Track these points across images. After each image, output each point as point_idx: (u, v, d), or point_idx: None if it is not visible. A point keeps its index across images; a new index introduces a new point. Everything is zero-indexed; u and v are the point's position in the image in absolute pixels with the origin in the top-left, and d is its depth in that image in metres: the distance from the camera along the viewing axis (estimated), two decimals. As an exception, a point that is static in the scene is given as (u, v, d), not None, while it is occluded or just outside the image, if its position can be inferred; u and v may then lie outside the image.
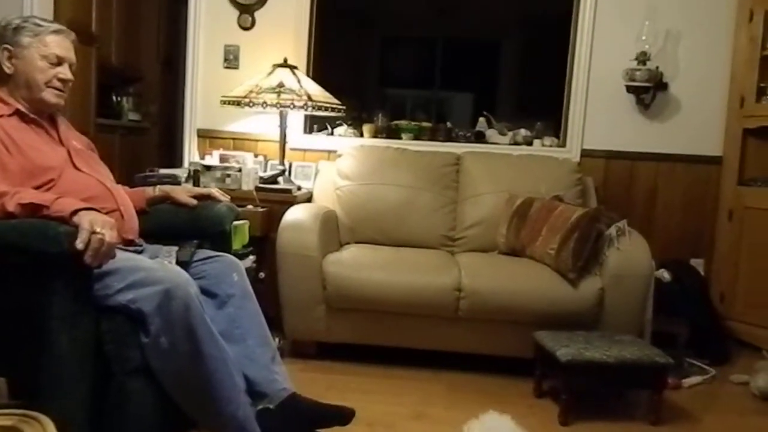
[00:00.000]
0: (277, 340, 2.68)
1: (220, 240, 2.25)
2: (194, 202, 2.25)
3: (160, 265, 1.77)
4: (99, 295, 1.64)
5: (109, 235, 1.55)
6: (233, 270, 2.03)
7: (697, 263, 3.36)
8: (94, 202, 1.81)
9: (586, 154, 3.47)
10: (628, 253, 2.57)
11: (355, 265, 2.67)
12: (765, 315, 3.09)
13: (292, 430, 1.85)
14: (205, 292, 1.94)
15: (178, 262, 1.94)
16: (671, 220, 3.47)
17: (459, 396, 2.42)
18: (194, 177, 2.96)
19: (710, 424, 2.30)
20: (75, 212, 1.55)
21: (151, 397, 1.67)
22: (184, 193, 2.30)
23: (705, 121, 3.42)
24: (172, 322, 1.65)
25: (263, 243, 2.84)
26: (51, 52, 1.84)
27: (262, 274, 2.93)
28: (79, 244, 1.49)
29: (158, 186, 2.32)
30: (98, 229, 1.53)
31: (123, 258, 1.72)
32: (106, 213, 1.85)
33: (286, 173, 3.25)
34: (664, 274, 2.94)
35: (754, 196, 3.21)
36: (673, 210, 3.47)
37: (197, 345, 1.68)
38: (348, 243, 3.01)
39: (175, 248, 2.02)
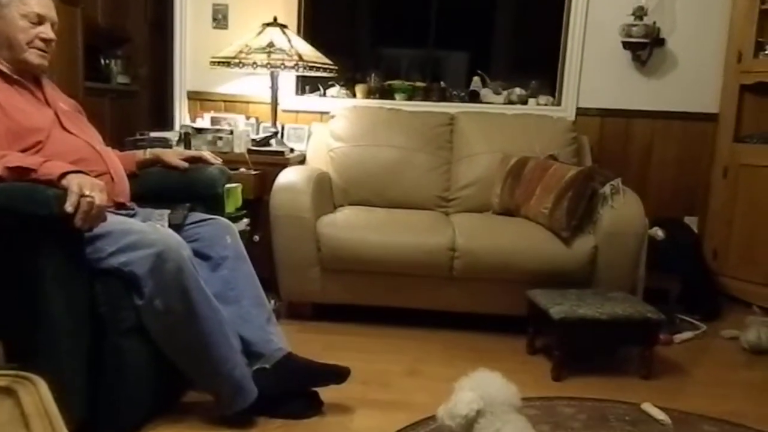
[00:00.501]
0: (272, 302, 2.70)
1: (213, 203, 2.24)
2: (185, 165, 2.23)
3: (152, 228, 1.77)
4: (92, 258, 1.64)
5: (99, 198, 1.54)
6: (226, 232, 2.03)
7: (691, 221, 3.38)
8: (83, 164, 1.79)
9: (581, 112, 3.44)
10: (622, 211, 2.57)
11: (349, 226, 2.67)
12: (756, 271, 3.12)
13: (289, 389, 1.88)
14: (198, 254, 1.95)
15: (170, 225, 1.94)
16: (666, 178, 3.46)
17: (453, 353, 2.45)
18: (185, 140, 2.93)
19: (701, 377, 2.34)
20: (63, 175, 1.53)
21: (146, 357, 1.69)
22: (174, 156, 2.28)
23: (702, 78, 3.38)
24: (166, 284, 1.65)
25: (257, 206, 2.83)
26: (31, 10, 1.79)
27: (256, 237, 2.93)
28: (69, 207, 1.48)
29: (148, 149, 2.30)
30: (87, 192, 1.52)
31: (115, 221, 1.71)
32: (96, 176, 1.83)
33: (279, 135, 3.21)
34: (658, 232, 2.95)
35: (749, 153, 3.20)
36: (668, 168, 3.46)
37: (191, 306, 1.69)
38: (342, 205, 3.00)
39: (167, 211, 2.02)
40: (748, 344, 2.59)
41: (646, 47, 3.30)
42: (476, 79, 3.63)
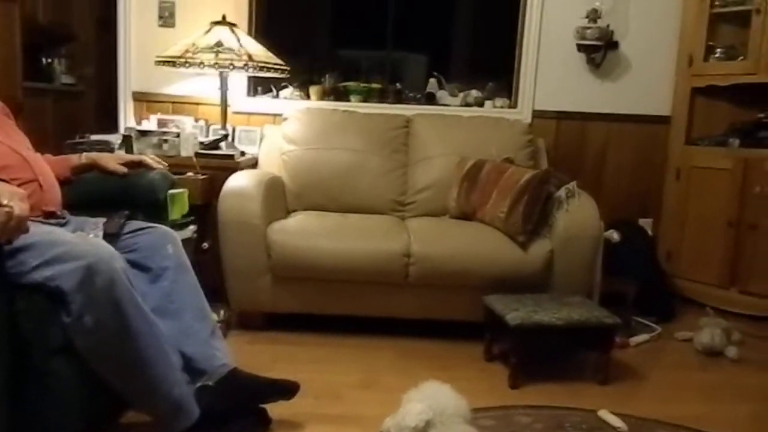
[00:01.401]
0: (222, 311, 2.60)
1: (154, 210, 2.12)
2: (123, 169, 2.11)
3: (82, 238, 1.64)
4: (13, 273, 1.50)
5: (19, 208, 1.41)
6: (167, 241, 1.92)
7: (646, 223, 3.40)
8: (7, 172, 1.67)
9: (537, 114, 3.43)
10: (578, 214, 2.55)
11: (301, 232, 2.57)
12: (709, 272, 3.15)
13: (234, 407, 1.78)
14: (137, 265, 1.83)
15: (105, 235, 1.82)
16: (621, 180, 3.48)
17: (408, 363, 2.39)
18: (126, 143, 2.79)
19: (656, 381, 2.33)
20: (-23, 183, 1.41)
21: (76, 378, 1.55)
22: (113, 160, 2.16)
23: (654, 81, 3.41)
24: (96, 299, 1.53)
25: (205, 212, 2.71)
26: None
27: (205, 245, 2.80)
28: (-17, 219, 1.35)
29: (84, 153, 2.17)
30: (5, 202, 1.39)
31: (40, 232, 1.58)
32: (23, 183, 1.71)
33: (229, 138, 3.10)
34: (614, 235, 2.95)
35: (700, 155, 3.24)
36: (623, 170, 3.49)
37: (125, 322, 1.57)
38: (295, 210, 2.91)
39: (103, 220, 1.89)
40: (702, 346, 2.61)
41: (600, 50, 3.31)
42: (432, 81, 3.58)
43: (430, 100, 3.50)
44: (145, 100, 3.42)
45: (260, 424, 1.81)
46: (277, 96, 3.45)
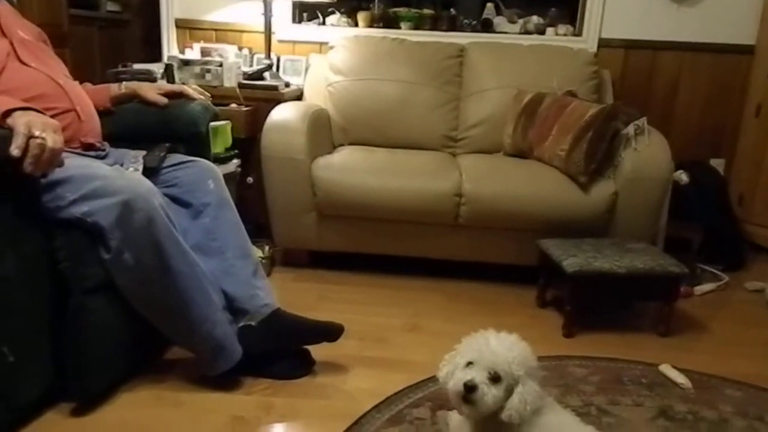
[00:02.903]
0: (266, 248, 2.55)
1: (196, 143, 2.04)
2: (164, 100, 2.02)
3: (119, 173, 1.58)
4: (50, 207, 1.47)
5: (52, 140, 1.35)
6: (209, 176, 1.84)
7: (717, 164, 3.14)
8: (43, 101, 1.59)
9: (603, 43, 3.14)
10: (646, 154, 2.34)
11: (347, 169, 2.46)
12: (786, 218, 2.91)
13: (277, 348, 1.74)
14: (177, 201, 1.78)
15: (145, 168, 1.75)
16: (692, 117, 3.20)
17: (457, 307, 2.30)
18: (167, 73, 2.69)
19: (723, 336, 2.18)
20: (8, 113, 1.34)
21: (116, 315, 1.54)
22: (153, 90, 2.07)
23: (738, 5, 3.05)
24: (135, 236, 1.48)
25: (249, 145, 2.63)
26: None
27: (249, 179, 2.75)
28: (15, 150, 1.29)
29: (124, 83, 2.08)
30: (37, 133, 1.32)
31: (76, 165, 1.52)
32: (60, 113, 1.65)
33: (273, 68, 2.96)
34: (682, 176, 2.73)
35: (786, 89, 2.92)
36: (695, 106, 3.19)
37: (165, 261, 1.52)
38: (341, 144, 2.79)
39: (143, 153, 1.83)
40: (775, 298, 2.42)
41: (679, -30, 2.97)
42: (489, 6, 3.31)
43: (487, 27, 3.24)
44: (188, 27, 3.30)
45: (303, 365, 1.77)
46: (323, 23, 3.26)
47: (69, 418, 1.50)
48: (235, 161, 2.51)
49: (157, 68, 2.82)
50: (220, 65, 2.76)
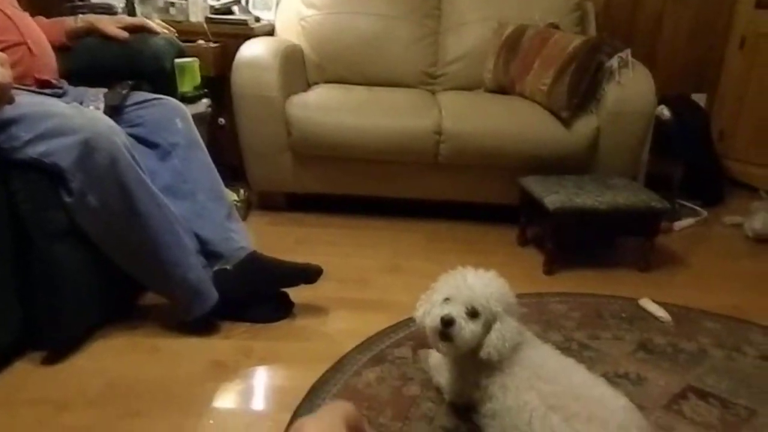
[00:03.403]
0: (241, 192, 2.48)
1: (161, 80, 1.94)
2: (125, 34, 1.90)
3: (78, 110, 1.48)
4: (4, 149, 1.37)
5: (0, 74, 1.24)
6: (176, 115, 1.75)
7: (699, 98, 3.09)
8: (-11, 34, 1.47)
9: (587, -28, 3.02)
10: (630, 87, 2.28)
11: (323, 107, 2.36)
12: (765, 153, 2.90)
13: (254, 291, 1.70)
14: (143, 141, 1.69)
15: (106, 107, 1.65)
16: (675, 50, 3.13)
17: (437, 246, 2.27)
18: (128, 6, 2.53)
19: (701, 269, 2.19)
20: (-52, 45, 1.23)
21: (84, 262, 1.47)
22: (112, 23, 1.94)
23: (726, -69, 2.95)
24: (98, 177, 1.40)
25: (219, 85, 2.50)
26: None
27: (221, 121, 2.63)
28: (-43, 86, 1.19)
29: (80, 16, 1.94)
30: (-18, 67, 1.22)
31: (29, 102, 1.42)
32: (8, 47, 1.53)
33: (243, 2, 2.80)
34: (664, 111, 2.69)
35: (771, 20, 2.86)
36: (679, 39, 3.12)
37: (132, 203, 1.45)
38: (316, 83, 2.68)
39: (104, 90, 1.72)
40: (752, 232, 2.43)
41: None
42: (469, -67, 3.15)
43: (466, -44, 3.09)
44: (149, -41, 3.09)
45: (282, 308, 1.74)
46: (294, -47, 3.08)
47: (40, 367, 1.45)
48: (205, 101, 2.38)
49: (118, 1, 2.65)
50: (186, -2, 2.59)
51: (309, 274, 1.71)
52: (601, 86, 2.32)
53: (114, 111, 1.65)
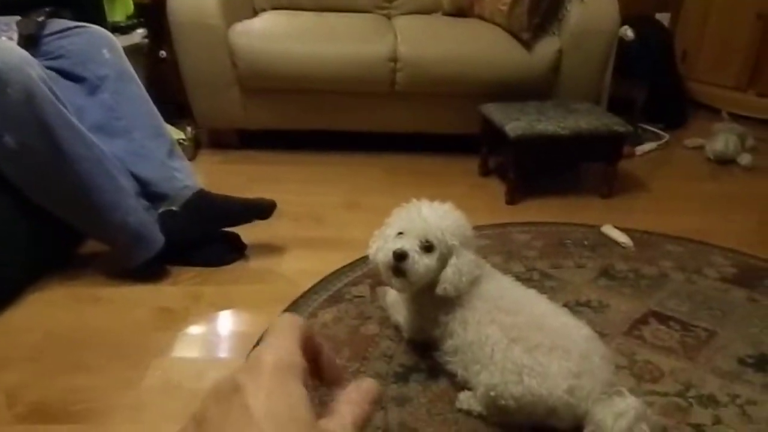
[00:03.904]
0: (188, 129, 2.33)
1: (85, 6, 1.76)
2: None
3: (-16, 40, 1.31)
4: None
5: None
6: (102, 44, 1.59)
7: (663, 18, 3.01)
8: None
9: None
10: (593, 5, 2.18)
11: (269, 34, 2.20)
12: (728, 73, 2.86)
13: (204, 232, 1.60)
14: (68, 75, 1.54)
15: (20, 37, 1.48)
16: (639, -33, 3.01)
17: (396, 180, 2.19)
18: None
19: (663, 192, 2.17)
20: None
21: (12, 210, 1.35)
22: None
23: None
24: (13, 115, 1.26)
25: (157, 13, 2.31)
26: None
27: (162, 53, 2.46)
28: None
29: (-15, -66, 1.72)
30: None
31: (-74, 32, 1.26)
32: None
33: None
34: (627, 32, 2.60)
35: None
36: (643, -45, 2.99)
37: (56, 143, 1.32)
38: (263, 9, 2.49)
39: (17, 18, 1.54)
40: (714, 154, 2.41)
41: None
42: None
43: None
44: None
45: (233, 250, 1.65)
46: None
47: (-31, 324, 1.35)
48: (140, 31, 2.21)
49: None
50: None
51: (262, 209, 1.62)
52: (563, 6, 2.20)
53: (29, 41, 1.48)
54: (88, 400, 1.16)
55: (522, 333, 1.07)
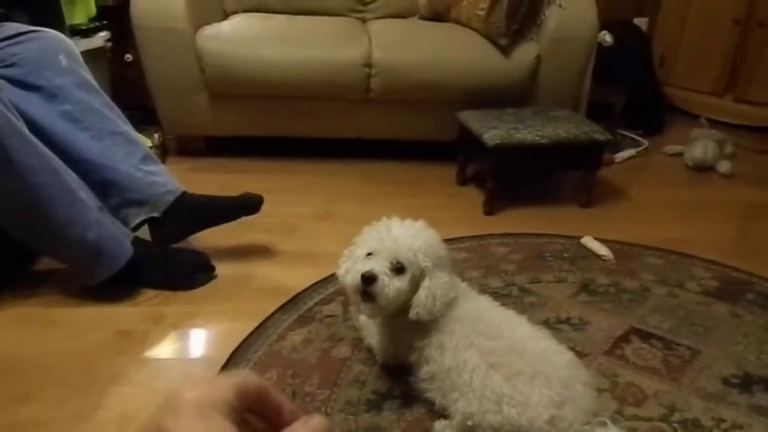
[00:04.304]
0: (156, 136, 2.24)
1: (41, 8, 1.67)
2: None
3: None
4: None
5: None
6: (59, 50, 1.50)
7: (641, 23, 2.99)
8: None
9: None
10: (571, 10, 2.13)
11: (239, 38, 2.12)
12: (705, 78, 2.85)
13: (190, 232, 1.57)
14: (21, 84, 1.44)
15: (-35, 42, 1.39)
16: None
17: (372, 189, 2.12)
18: None
19: (641, 200, 2.14)
20: None
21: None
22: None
23: None
24: (-47, 127, 1.17)
25: (121, 14, 2.22)
26: None
27: (128, 57, 2.36)
28: None
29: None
30: None
31: None
32: None
33: None
34: (606, 37, 2.57)
35: (714, -63, 2.74)
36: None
37: (4, 154, 1.23)
38: (234, 11, 2.41)
39: (-37, 22, 1.45)
40: (692, 161, 2.39)
41: None
42: None
43: None
44: None
45: (202, 269, 1.56)
46: None
47: None
48: (103, 34, 2.12)
49: None
50: None
51: (249, 204, 1.57)
52: (541, 11, 2.16)
53: (-24, 47, 1.38)
54: (36, 436, 1.07)
55: (502, 359, 1.01)
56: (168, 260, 1.52)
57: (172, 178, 1.60)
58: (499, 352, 1.02)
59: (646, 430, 1.12)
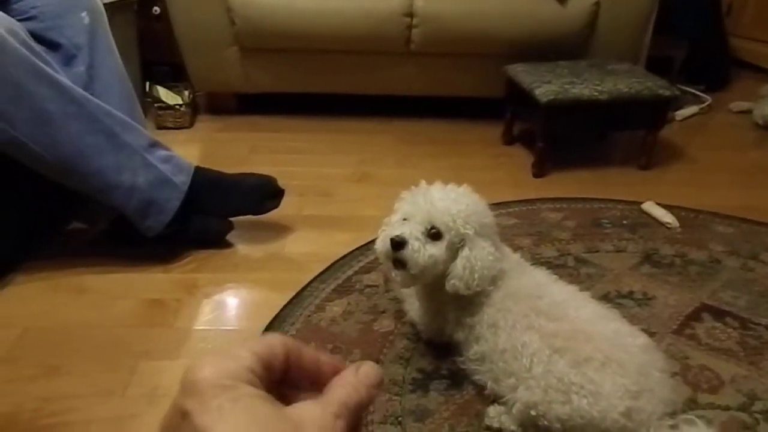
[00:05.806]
0: (186, 93, 2.15)
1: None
2: None
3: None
4: None
5: None
6: (82, 6, 1.39)
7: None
8: None
9: None
10: (634, -49, 1.93)
11: (271, -12, 1.99)
12: (776, 29, 2.60)
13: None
14: (39, 40, 1.34)
15: (-17, -8, 1.29)
16: None
17: (411, 149, 2.00)
18: None
19: (705, 163, 1.97)
20: None
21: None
22: None
23: None
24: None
25: (148, -36, 2.10)
26: None
27: (156, 9, 2.26)
28: None
29: None
30: None
31: None
32: None
33: None
34: (668, -18, 2.34)
35: None
36: None
37: (35, 103, 1.15)
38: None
39: (-21, -30, 1.35)
40: (762, 119, 2.19)
41: None
42: None
43: None
44: None
45: (272, 196, 1.45)
46: None
47: (-65, 319, 1.21)
48: (129, -15, 2.00)
49: None
50: None
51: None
52: (600, -49, 1.96)
53: (-4, -1, 1.29)
54: (63, 411, 1.01)
55: (568, 343, 0.90)
56: (232, 187, 1.42)
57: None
58: (563, 335, 0.91)
59: (723, 420, 1.00)
